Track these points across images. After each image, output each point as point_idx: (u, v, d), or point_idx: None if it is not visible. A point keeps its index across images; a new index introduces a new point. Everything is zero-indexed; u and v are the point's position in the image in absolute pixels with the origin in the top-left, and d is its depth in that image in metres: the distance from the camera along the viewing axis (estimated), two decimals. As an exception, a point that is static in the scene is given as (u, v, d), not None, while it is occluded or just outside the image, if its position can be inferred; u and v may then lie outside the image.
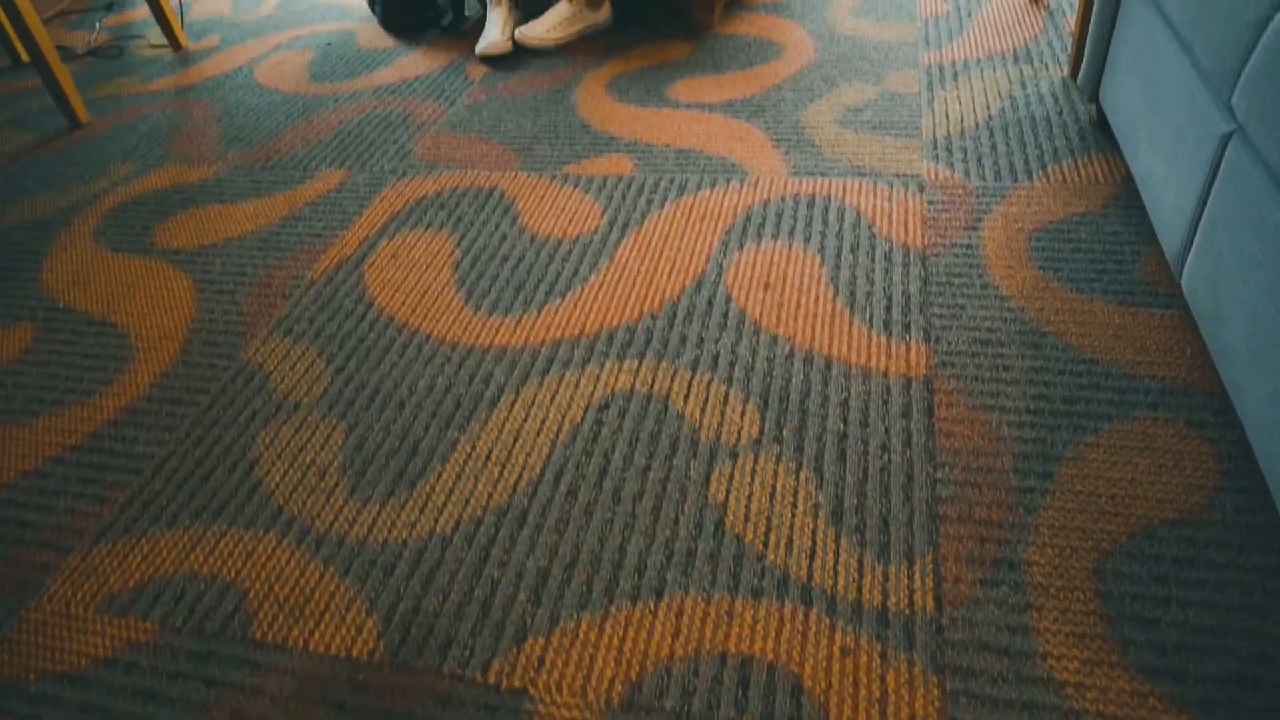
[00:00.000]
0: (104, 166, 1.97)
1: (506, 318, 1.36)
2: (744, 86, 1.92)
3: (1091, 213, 1.40)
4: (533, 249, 1.50)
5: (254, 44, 2.54)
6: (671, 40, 2.19)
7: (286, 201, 1.74)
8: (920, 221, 1.44)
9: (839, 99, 1.82)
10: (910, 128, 1.69)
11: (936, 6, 2.16)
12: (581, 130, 1.84)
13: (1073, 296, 1.25)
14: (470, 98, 2.04)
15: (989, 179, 1.51)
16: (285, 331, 1.41)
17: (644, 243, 1.48)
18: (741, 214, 1.52)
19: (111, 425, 1.28)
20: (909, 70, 1.89)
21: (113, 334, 1.46)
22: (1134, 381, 1.11)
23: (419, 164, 1.80)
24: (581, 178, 1.68)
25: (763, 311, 1.30)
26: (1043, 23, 2.01)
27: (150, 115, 2.19)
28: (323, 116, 2.05)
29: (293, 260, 1.57)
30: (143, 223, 1.75)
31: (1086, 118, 1.63)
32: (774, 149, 1.68)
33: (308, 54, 2.41)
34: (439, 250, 1.53)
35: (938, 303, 1.27)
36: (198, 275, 1.57)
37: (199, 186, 1.84)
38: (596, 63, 2.12)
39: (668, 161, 1.69)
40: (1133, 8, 1.36)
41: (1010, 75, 1.81)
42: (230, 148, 1.98)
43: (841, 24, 2.14)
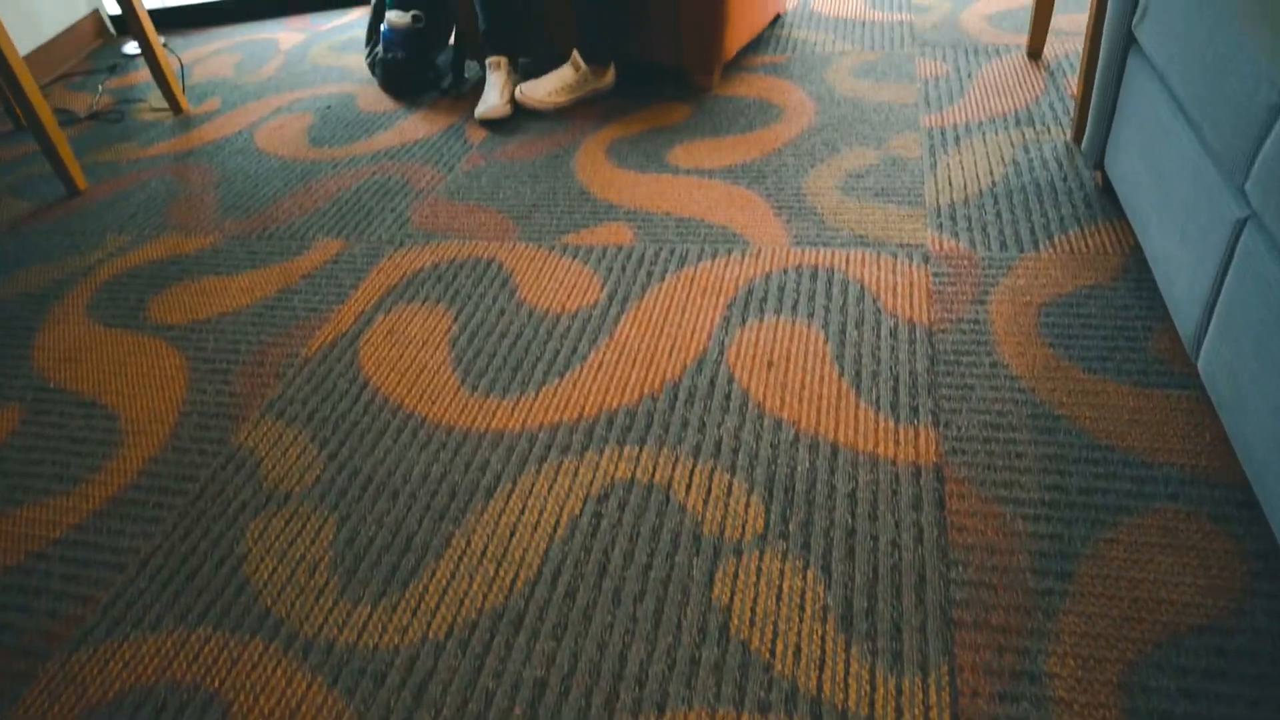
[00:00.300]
0: (100, 236, 1.96)
1: (504, 399, 1.33)
2: (744, 151, 1.91)
3: (1101, 285, 1.37)
4: (531, 324, 1.48)
5: (255, 107, 2.55)
6: (671, 102, 2.18)
7: (282, 273, 1.72)
8: (926, 295, 1.41)
9: (840, 164, 1.80)
10: (913, 195, 1.67)
11: (936, 67, 2.15)
12: (581, 198, 1.82)
13: (1085, 377, 1.21)
14: (469, 163, 2.03)
15: (995, 249, 1.49)
16: (278, 414, 1.37)
17: (644, 318, 1.45)
18: (743, 287, 1.49)
19: (97, 516, 1.24)
20: (910, 133, 1.88)
21: (102, 416, 1.43)
22: (1152, 470, 1.07)
23: (417, 233, 1.78)
24: (581, 248, 1.66)
25: (766, 392, 1.27)
26: (1044, 84, 2.00)
27: (149, 182, 2.18)
28: (321, 183, 2.04)
29: (287, 337, 1.54)
30: (137, 296, 1.73)
31: (1092, 184, 1.61)
32: (775, 217, 1.66)
33: (307, 117, 2.41)
34: (435, 326, 1.51)
35: (946, 383, 1.24)
36: (191, 352, 1.54)
37: (195, 258, 1.82)
38: (596, 126, 2.11)
39: (668, 231, 1.67)
40: (1136, 78, 1.35)
41: (1013, 139, 1.80)
42: (228, 216, 1.96)
43: (841, 85, 2.14)
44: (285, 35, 3.15)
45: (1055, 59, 2.11)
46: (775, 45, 2.42)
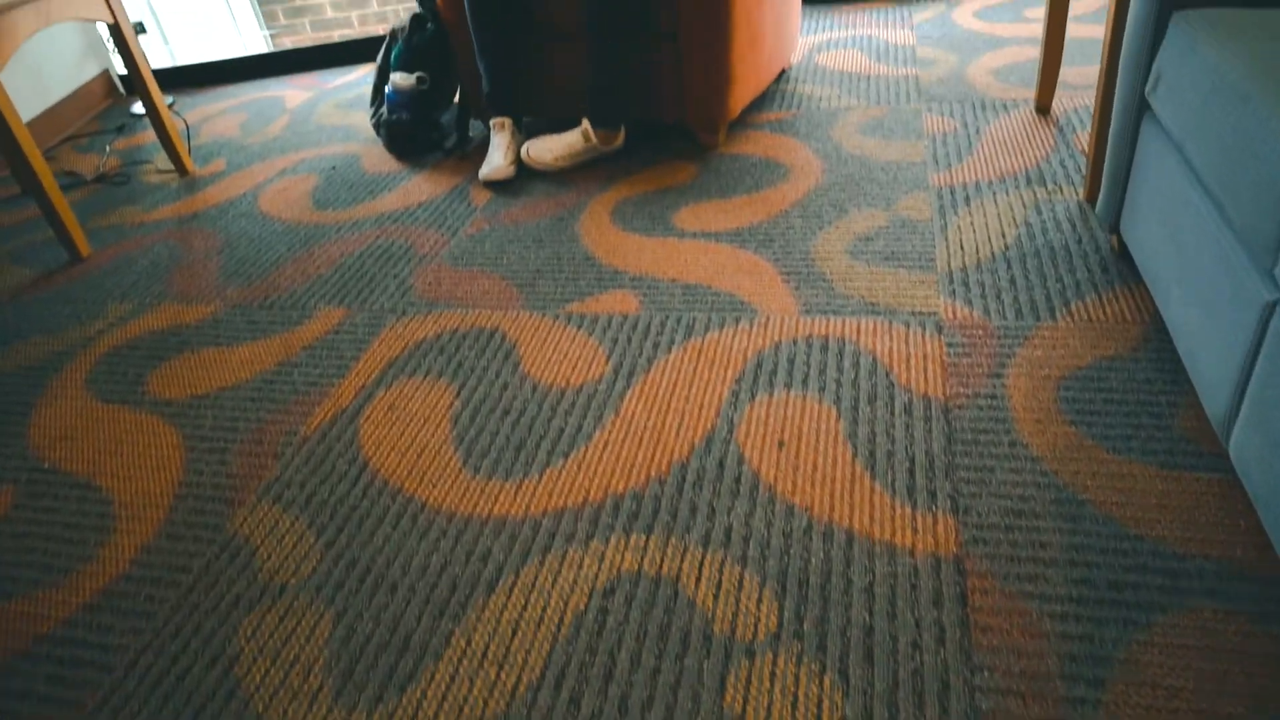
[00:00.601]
0: (102, 305, 1.94)
1: (507, 482, 1.29)
2: (751, 213, 1.88)
3: (1121, 357, 1.33)
4: (535, 400, 1.44)
5: (260, 168, 2.54)
6: (677, 161, 2.17)
7: (283, 345, 1.70)
8: (940, 368, 1.37)
9: (849, 226, 1.77)
10: (924, 259, 1.64)
11: (943, 123, 2.13)
12: (586, 263, 1.79)
13: (1109, 458, 1.17)
14: (473, 226, 2.01)
15: (1010, 317, 1.45)
16: (275, 498, 1.33)
17: (651, 393, 1.41)
18: (752, 359, 1.45)
19: (87, 610, 1.20)
20: (919, 193, 1.85)
21: (96, 499, 1.40)
22: (1185, 563, 1.02)
23: (419, 302, 1.76)
24: (586, 317, 1.63)
25: (778, 475, 1.22)
26: (1053, 139, 1.97)
27: (152, 247, 2.17)
28: (324, 248, 2.03)
29: (286, 413, 1.51)
30: (136, 370, 1.70)
31: (1107, 247, 1.58)
32: (784, 284, 1.63)
33: (311, 179, 2.40)
34: (437, 402, 1.47)
35: (964, 465, 1.19)
36: (188, 431, 1.51)
37: (195, 328, 1.80)
38: (601, 186, 2.10)
39: (674, 299, 1.64)
40: (1151, 144, 1.32)
41: (1024, 199, 1.77)
42: (229, 283, 1.95)
43: (848, 142, 2.12)
44: (292, 93, 3.17)
45: (1064, 114, 2.09)
46: (781, 101, 2.41)
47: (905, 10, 2.99)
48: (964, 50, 2.57)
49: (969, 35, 2.68)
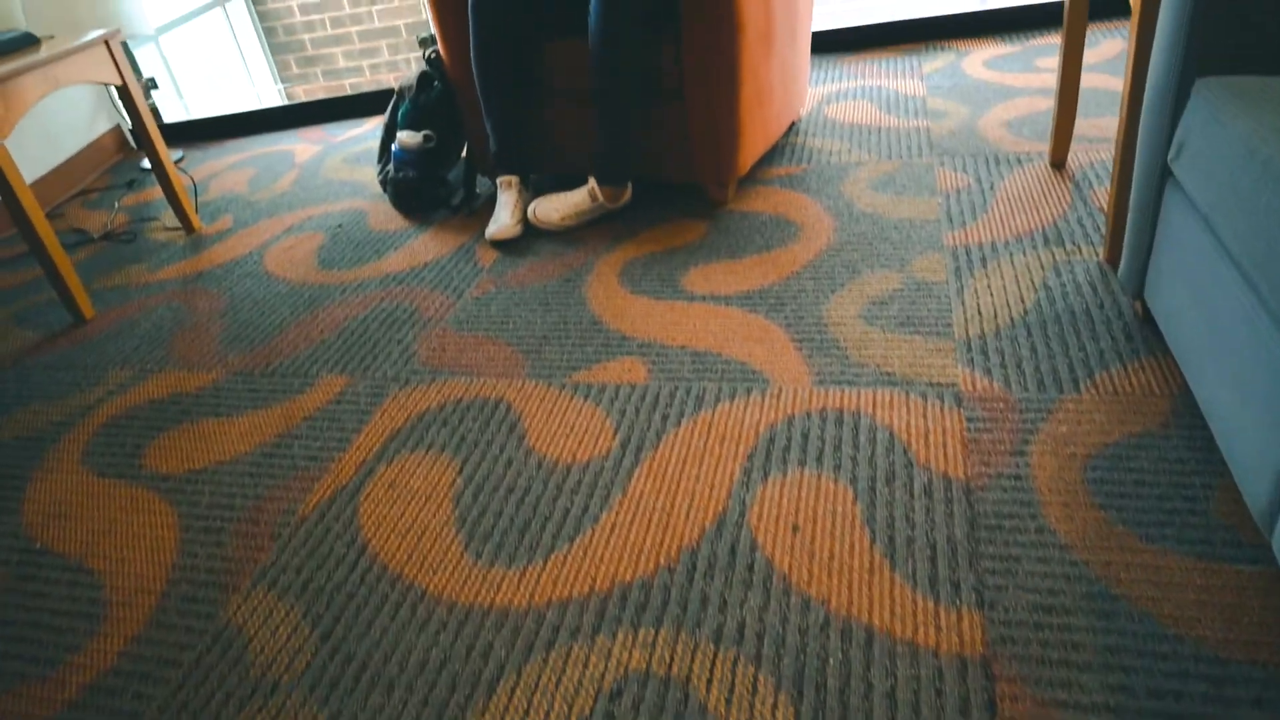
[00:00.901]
0: (103, 372, 1.92)
1: (510, 569, 1.24)
2: (762, 274, 1.85)
3: (1150, 434, 1.27)
4: (540, 477, 1.39)
5: (266, 225, 2.53)
6: (685, 219, 2.14)
7: (284, 415, 1.66)
8: (960, 444, 1.32)
9: (862, 289, 1.73)
10: (941, 324, 1.59)
11: (956, 179, 2.10)
12: (593, 328, 1.76)
13: (1142, 547, 1.11)
14: (479, 288, 1.98)
15: (1032, 389, 1.40)
16: (270, 583, 1.29)
17: (659, 470, 1.36)
18: (764, 434, 1.40)
19: (71, 709, 1.15)
20: (934, 254, 1.81)
21: (87, 584, 1.35)
22: (1229, 668, 0.96)
23: (423, 370, 1.72)
24: (593, 386, 1.58)
25: (792, 562, 1.17)
26: (1070, 196, 1.93)
27: (155, 309, 2.15)
28: (328, 311, 2.00)
29: (284, 490, 1.47)
30: (134, 441, 1.66)
31: (1131, 313, 1.53)
32: (796, 351, 1.58)
33: (318, 238, 2.39)
34: (440, 479, 1.43)
35: (988, 553, 1.14)
36: (184, 508, 1.47)
37: (195, 397, 1.77)
38: (609, 246, 2.07)
39: (683, 367, 1.59)
40: (1176, 213, 1.27)
41: (1042, 260, 1.72)
42: (231, 348, 1.92)
43: (860, 199, 2.08)
44: (301, 147, 3.17)
45: (1080, 168, 2.05)
46: (791, 154, 2.38)
47: (915, 60, 2.97)
48: (975, 101, 2.54)
49: (980, 86, 2.66)
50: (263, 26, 5.48)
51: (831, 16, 3.32)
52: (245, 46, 5.44)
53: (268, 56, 5.53)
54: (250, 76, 5.49)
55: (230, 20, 5.33)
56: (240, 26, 5.39)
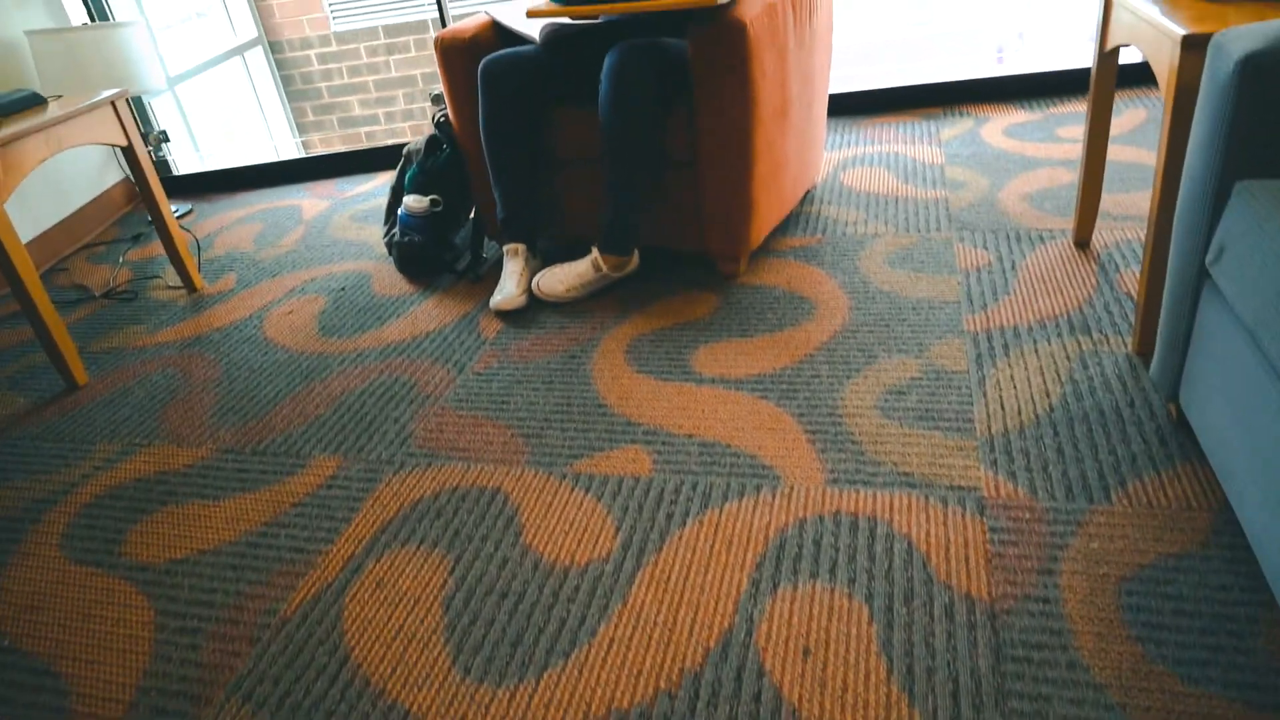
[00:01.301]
0: (90, 445, 1.86)
1: (499, 688, 1.15)
2: (774, 356, 1.78)
3: (1189, 554, 1.19)
4: (535, 581, 1.31)
5: (269, 286, 2.49)
6: (695, 291, 2.08)
7: (272, 499, 1.59)
8: (983, 558, 1.23)
9: (879, 377, 1.66)
10: (961, 419, 1.51)
11: (976, 256, 2.03)
12: (597, 412, 1.69)
13: (1185, 690, 1.02)
14: (481, 362, 1.92)
15: (1059, 497, 1.31)
16: (245, 696, 1.21)
17: (662, 577, 1.28)
18: (774, 539, 1.32)
19: (24, 838, 1.07)
20: (954, 339, 1.74)
21: (53, 689, 1.28)
22: (1288, 844, 0.86)
23: (419, 453, 1.65)
24: (595, 478, 1.51)
25: (803, 694, 1.08)
26: (1095, 279, 1.86)
27: (150, 376, 2.10)
28: (325, 384, 1.94)
29: (267, 586, 1.39)
30: (116, 525, 1.60)
31: (1164, 414, 1.45)
32: (809, 444, 1.51)
33: (320, 301, 2.34)
34: (430, 579, 1.35)
35: (1016, 690, 1.05)
36: (162, 604, 1.39)
37: (183, 476, 1.70)
38: (616, 319, 2.00)
39: (690, 458, 1.52)
40: (1215, 320, 1.20)
41: (1068, 349, 1.65)
42: (223, 422, 1.85)
43: (876, 275, 2.02)
44: (309, 203, 3.15)
45: (1105, 248, 1.98)
46: (805, 224, 2.33)
47: (933, 125, 2.93)
48: (995, 172, 2.48)
49: (999, 155, 2.60)
50: (280, 75, 5.52)
51: (848, 79, 3.29)
52: (263, 94, 5.48)
53: (284, 104, 5.57)
54: (267, 123, 5.52)
55: (249, 68, 5.37)
56: (258, 74, 5.44)
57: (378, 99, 5.58)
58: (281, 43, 5.44)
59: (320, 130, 5.71)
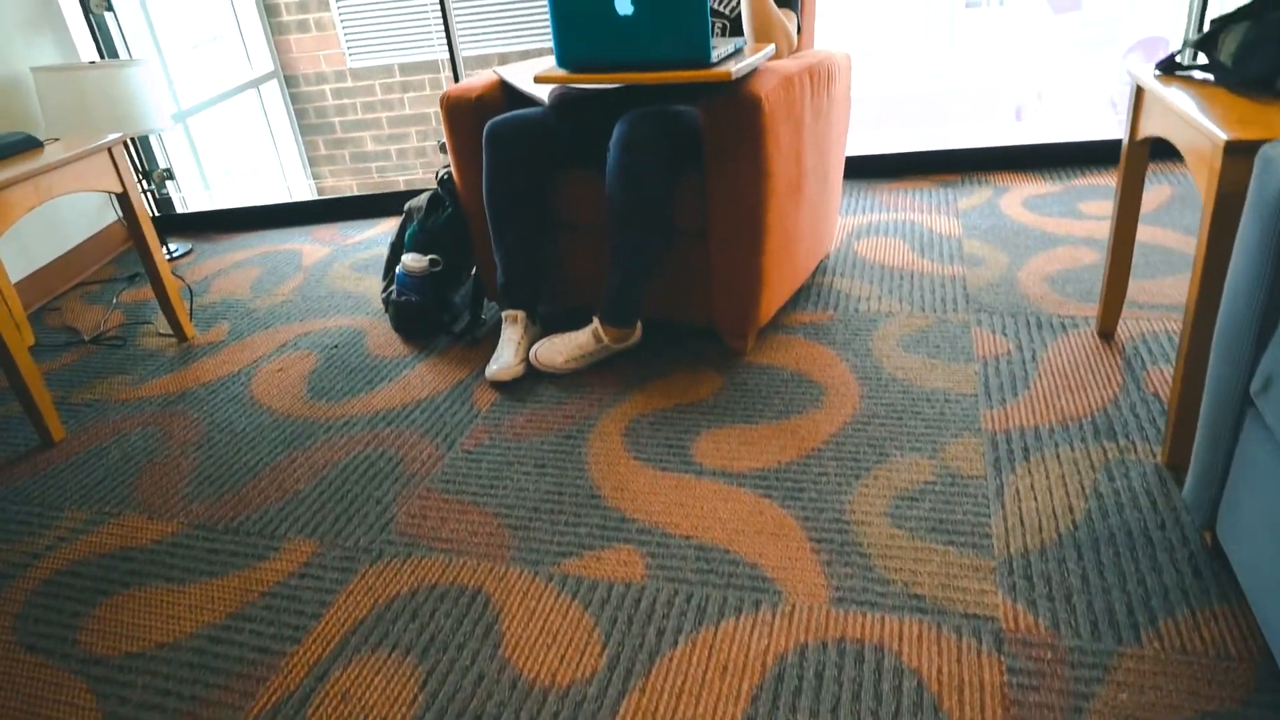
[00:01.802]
0: (58, 512, 1.77)
1: (464, 834, 1.05)
2: (779, 446, 1.68)
3: (1229, 713, 1.08)
4: (511, 703, 1.21)
5: (261, 339, 2.41)
6: (699, 368, 1.99)
7: (240, 587, 1.49)
8: (1001, 704, 1.12)
9: (890, 478, 1.56)
10: (978, 533, 1.41)
11: (995, 343, 1.94)
12: (590, 503, 1.59)
13: None
14: (472, 439, 1.83)
15: (1084, 634, 1.21)
16: (188, 825, 1.11)
17: (649, 707, 1.18)
18: (773, 667, 1.22)
19: None
20: (970, 438, 1.64)
21: (-16, 803, 1.18)
22: None
23: (399, 540, 1.55)
24: (583, 581, 1.41)
25: None
26: (1121, 375, 1.77)
27: (129, 435, 2.01)
28: (308, 454, 1.85)
29: (225, 691, 1.29)
30: (73, 608, 1.50)
31: (1198, 541, 1.34)
32: (813, 554, 1.41)
33: (311, 359, 2.26)
34: (399, 693, 1.25)
35: None
36: (110, 705, 1.29)
37: (149, 553, 1.61)
38: (615, 397, 1.91)
39: (686, 563, 1.42)
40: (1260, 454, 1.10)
41: (1093, 457, 1.55)
42: (199, 493, 1.77)
43: (888, 359, 1.93)
44: (310, 248, 3.08)
45: (1131, 340, 1.89)
46: (816, 298, 2.24)
47: (950, 193, 2.86)
48: (1014, 248, 2.40)
49: (1019, 229, 2.52)
50: (294, 108, 5.51)
51: (865, 140, 3.23)
52: (276, 127, 5.46)
53: (297, 138, 5.55)
54: (279, 156, 5.50)
55: (263, 101, 5.36)
56: (272, 108, 5.43)
57: (390, 135, 5.55)
58: (297, 77, 5.43)
59: (331, 164, 5.69)
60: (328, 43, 5.31)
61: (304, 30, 5.29)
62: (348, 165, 5.67)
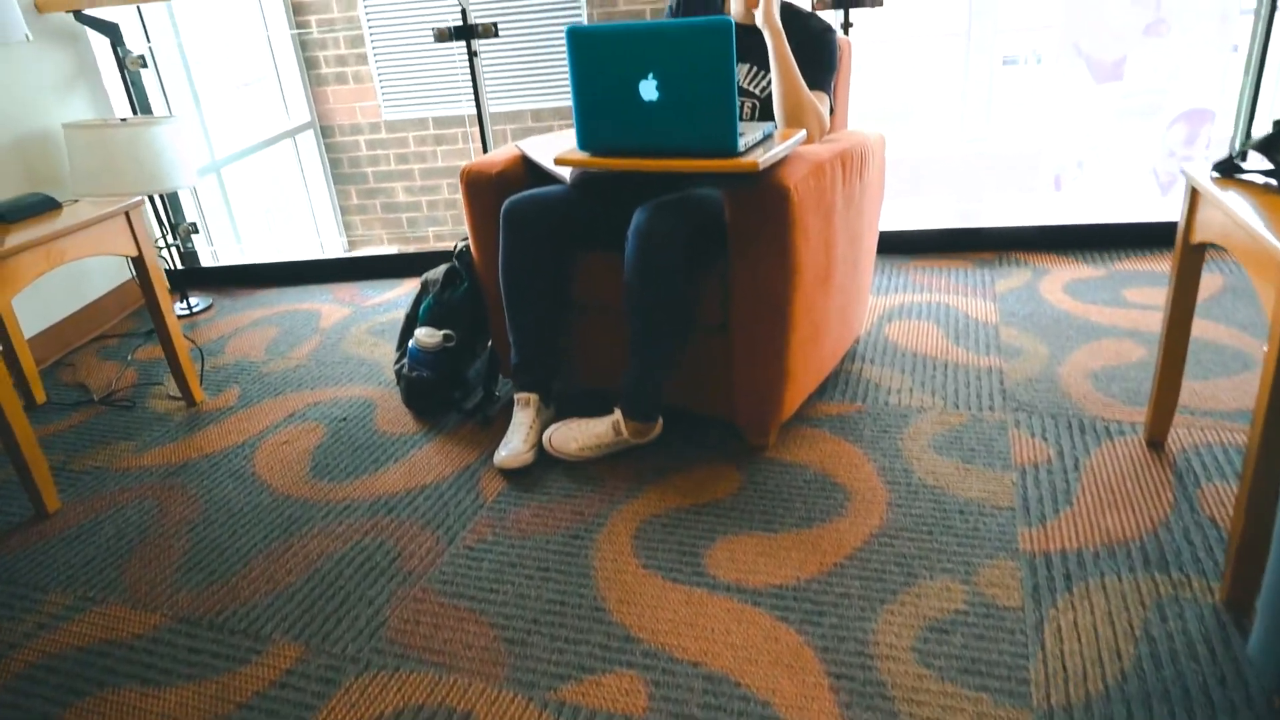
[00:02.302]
0: (42, 594, 1.69)
1: None
2: (799, 559, 1.57)
3: None
4: None
5: (270, 407, 2.35)
6: (718, 463, 1.89)
7: (217, 696, 1.40)
8: None
9: (918, 604, 1.44)
10: (1015, 678, 1.28)
11: (1034, 448, 1.82)
12: (594, 615, 1.49)
13: None
14: (474, 532, 1.74)
15: (1135, 813, 1.08)
16: None
17: None
18: (783, 832, 1.10)
19: None
20: (1006, 559, 1.52)
21: None
22: None
23: (388, 649, 1.46)
24: (580, 711, 1.30)
25: None
26: (1172, 493, 1.64)
27: (125, 509, 1.94)
28: (303, 541, 1.77)
29: (187, 823, 1.19)
30: (43, 709, 1.42)
31: (1263, 705, 1.21)
32: (831, 693, 1.29)
33: (318, 433, 2.19)
34: (372, 840, 1.14)
35: None
36: (65, 832, 1.20)
37: (129, 649, 1.52)
38: (628, 492, 1.81)
39: (692, 696, 1.31)
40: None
41: (1142, 590, 1.42)
42: (187, 580, 1.68)
43: (919, 462, 1.81)
44: (329, 308, 3.04)
45: (1183, 452, 1.76)
46: (845, 387, 2.14)
47: (987, 274, 2.75)
48: (1054, 339, 2.29)
49: (1059, 317, 2.41)
50: (329, 158, 5.55)
51: (898, 212, 3.14)
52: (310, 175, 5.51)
53: (330, 186, 5.58)
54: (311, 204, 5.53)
55: (298, 150, 5.41)
56: (307, 156, 5.47)
57: (422, 187, 5.57)
58: (333, 127, 5.48)
59: (363, 213, 5.71)
60: (364, 94, 5.36)
61: (342, 82, 5.34)
62: (378, 215, 5.69)
